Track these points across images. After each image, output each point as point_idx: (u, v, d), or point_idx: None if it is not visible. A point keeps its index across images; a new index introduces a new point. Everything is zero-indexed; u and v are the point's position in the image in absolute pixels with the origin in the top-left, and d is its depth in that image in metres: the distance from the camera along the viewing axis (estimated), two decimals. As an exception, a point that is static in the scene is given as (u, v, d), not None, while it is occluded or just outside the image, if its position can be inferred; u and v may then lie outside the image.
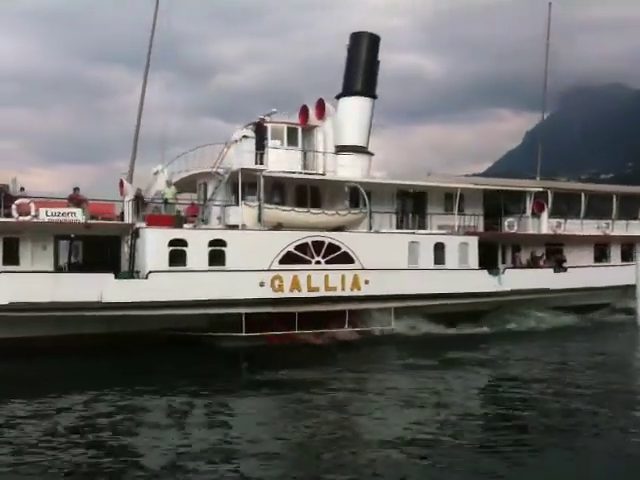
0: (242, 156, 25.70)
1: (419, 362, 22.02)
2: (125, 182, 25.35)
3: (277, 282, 24.47)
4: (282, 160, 29.08)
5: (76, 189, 25.28)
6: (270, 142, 29.51)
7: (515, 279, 30.06)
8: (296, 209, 25.99)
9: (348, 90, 33.00)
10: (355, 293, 25.78)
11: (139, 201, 25.12)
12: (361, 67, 33.40)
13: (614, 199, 36.95)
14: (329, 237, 25.44)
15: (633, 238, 37.53)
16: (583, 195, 35.74)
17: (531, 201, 34.10)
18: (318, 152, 30.38)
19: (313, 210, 26.26)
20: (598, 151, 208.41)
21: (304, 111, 32.04)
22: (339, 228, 26.62)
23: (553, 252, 34.94)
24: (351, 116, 32.60)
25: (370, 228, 26.98)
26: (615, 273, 34.87)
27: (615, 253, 37.19)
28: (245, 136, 25.71)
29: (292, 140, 29.99)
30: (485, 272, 29.42)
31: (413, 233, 28.11)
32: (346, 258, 25.81)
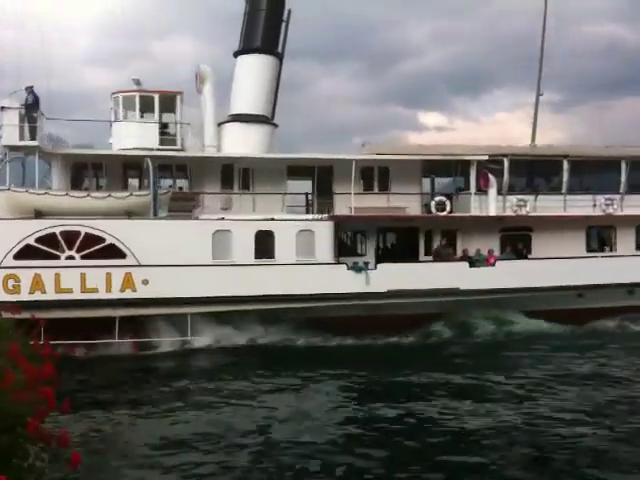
0: (6, 131, 19.86)
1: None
2: None
3: (12, 282, 18.44)
4: (134, 135, 22.85)
5: None
6: (121, 114, 23.41)
7: (394, 277, 20.67)
8: (50, 192, 19.60)
9: (246, 47, 25.52)
10: (128, 296, 18.84)
11: None
12: (262, 18, 25.45)
13: (623, 166, 24.64)
14: (87, 226, 18.85)
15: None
16: (565, 162, 24.14)
17: (475, 173, 23.64)
18: (176, 123, 23.54)
19: (74, 193, 19.62)
20: None
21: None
22: (129, 215, 19.67)
23: (516, 240, 24.18)
24: (248, 78, 25.10)
25: (155, 214, 19.60)
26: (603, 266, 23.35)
27: (625, 239, 24.92)
28: (3, 107, 19.76)
29: (147, 111, 23.47)
30: (343, 267, 20.44)
31: (222, 219, 20.16)
32: (114, 252, 19.10)
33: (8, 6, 21.47)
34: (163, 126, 23.82)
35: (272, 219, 20.54)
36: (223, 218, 20.46)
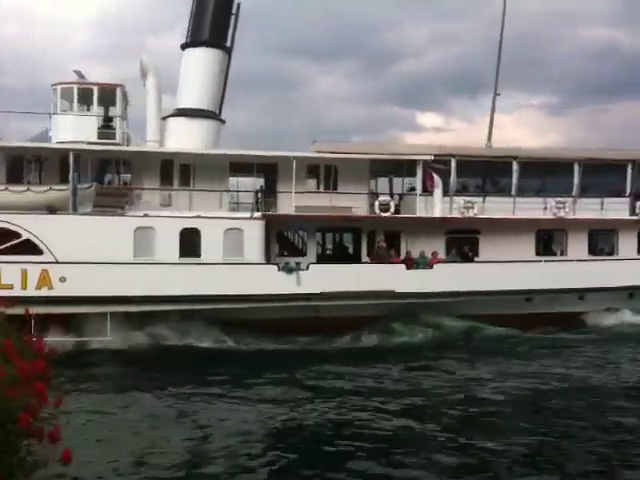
0: None
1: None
2: None
3: None
4: (71, 127, 21.96)
5: None
6: (59, 106, 22.52)
7: (327, 278, 19.77)
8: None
9: (193, 39, 24.51)
10: (44, 293, 17.94)
11: None
12: (210, 10, 24.48)
13: (575, 168, 23.68)
14: (2, 220, 18.07)
15: (610, 222, 23.93)
16: (515, 164, 23.17)
17: (422, 174, 22.73)
18: (115, 117, 22.56)
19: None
20: None
21: (145, 70, 24.31)
22: (51, 210, 18.80)
23: (462, 242, 23.25)
24: (194, 72, 24.17)
25: (74, 209, 18.73)
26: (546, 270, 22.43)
27: (577, 244, 23.96)
28: None
29: (86, 103, 22.56)
30: (274, 268, 19.56)
31: (145, 216, 19.24)
32: (30, 248, 18.21)
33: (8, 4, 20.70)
34: (108, 119, 23.01)
35: (198, 216, 19.63)
36: (146, 214, 19.56)
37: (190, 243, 19.32)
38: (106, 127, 22.72)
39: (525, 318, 21.93)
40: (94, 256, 18.49)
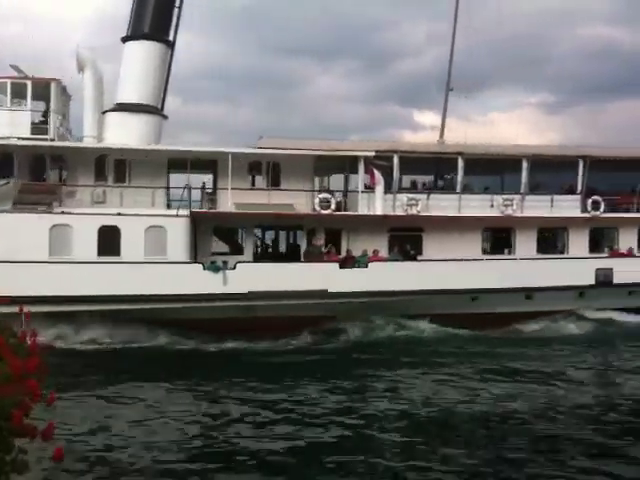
0: None
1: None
2: None
3: None
4: (5, 123, 21.13)
5: None
6: (-6, 101, 21.75)
7: (256, 277, 18.91)
8: None
9: (133, 32, 23.63)
10: (-44, 293, 17.04)
11: None
12: (151, 2, 23.61)
13: (523, 164, 22.76)
14: None
15: (560, 220, 23.02)
16: (460, 160, 22.26)
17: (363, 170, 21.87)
18: (48, 111, 21.72)
19: None
20: None
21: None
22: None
23: (405, 240, 22.35)
24: (134, 66, 23.31)
25: (-8, 206, 17.99)
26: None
27: (526, 242, 23.05)
28: None
29: (20, 98, 21.71)
30: (199, 267, 18.72)
31: (62, 213, 18.41)
32: (-56, 246, 17.31)
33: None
34: (47, 115, 22.22)
35: (118, 214, 18.80)
36: (63, 212, 18.74)
37: (109, 241, 18.49)
38: (45, 122, 21.93)
39: (472, 318, 21.02)
40: (8, 255, 17.69)
